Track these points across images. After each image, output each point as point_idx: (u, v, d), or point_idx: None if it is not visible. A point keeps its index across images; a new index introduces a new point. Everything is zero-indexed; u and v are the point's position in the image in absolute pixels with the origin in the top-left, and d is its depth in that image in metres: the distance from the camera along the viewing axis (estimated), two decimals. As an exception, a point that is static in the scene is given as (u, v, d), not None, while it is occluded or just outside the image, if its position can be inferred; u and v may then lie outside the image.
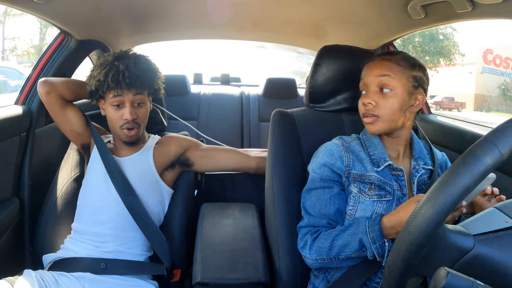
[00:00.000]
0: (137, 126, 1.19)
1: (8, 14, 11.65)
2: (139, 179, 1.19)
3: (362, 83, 0.95)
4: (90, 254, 1.10)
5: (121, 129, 1.18)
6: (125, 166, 1.20)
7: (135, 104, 1.18)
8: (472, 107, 18.15)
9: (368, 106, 0.91)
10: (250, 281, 0.91)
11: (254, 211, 1.19)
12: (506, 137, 0.48)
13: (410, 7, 1.18)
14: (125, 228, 1.14)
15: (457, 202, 0.47)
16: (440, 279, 0.45)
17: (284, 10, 1.59)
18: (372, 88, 0.91)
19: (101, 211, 1.14)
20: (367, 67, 0.94)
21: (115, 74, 1.14)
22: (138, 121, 1.18)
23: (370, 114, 0.91)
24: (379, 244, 0.81)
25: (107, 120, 1.21)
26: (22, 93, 1.38)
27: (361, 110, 0.94)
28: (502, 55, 17.94)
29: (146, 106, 1.22)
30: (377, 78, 0.90)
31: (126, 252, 1.12)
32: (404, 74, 0.90)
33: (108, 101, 1.17)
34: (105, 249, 1.11)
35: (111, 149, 1.24)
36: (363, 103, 0.92)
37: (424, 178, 0.95)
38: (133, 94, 1.16)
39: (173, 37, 2.26)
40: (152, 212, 1.18)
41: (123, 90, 1.15)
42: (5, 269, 1.12)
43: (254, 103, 2.57)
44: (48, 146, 1.44)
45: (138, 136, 1.22)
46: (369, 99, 0.90)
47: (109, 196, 1.15)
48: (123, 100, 1.16)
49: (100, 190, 1.16)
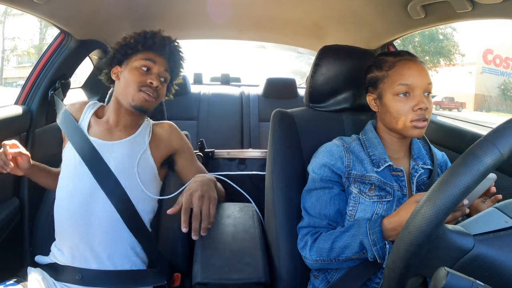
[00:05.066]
0: (156, 96, 1.11)
1: (8, 14, 11.65)
2: (133, 170, 1.08)
3: (405, 88, 0.88)
4: (66, 262, 1.03)
5: (139, 91, 1.08)
6: (115, 151, 1.09)
7: (161, 77, 1.13)
8: (472, 107, 18.13)
9: (421, 111, 0.87)
10: (250, 281, 0.91)
11: (254, 211, 1.19)
12: (506, 137, 0.48)
13: (410, 7, 1.18)
14: (111, 231, 1.03)
15: (457, 202, 0.47)
16: (440, 279, 0.45)
17: (284, 10, 1.59)
18: (419, 93, 0.88)
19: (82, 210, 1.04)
20: (412, 71, 0.88)
21: (154, 36, 1.13)
22: (159, 91, 1.12)
23: (424, 118, 0.88)
24: (380, 246, 0.81)
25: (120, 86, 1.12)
26: (22, 93, 1.38)
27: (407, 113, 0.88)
28: (502, 55, 17.92)
29: (165, 88, 1.17)
30: (425, 84, 0.88)
31: (114, 260, 1.03)
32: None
33: (133, 63, 1.11)
34: (84, 257, 1.01)
35: (100, 130, 1.12)
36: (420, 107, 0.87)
37: (424, 178, 0.95)
38: (164, 68, 1.13)
39: (173, 37, 2.26)
40: (144, 207, 1.09)
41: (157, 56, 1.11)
42: (5, 269, 1.12)
43: (254, 103, 2.57)
44: (48, 146, 1.44)
45: (150, 108, 1.12)
46: (425, 104, 0.87)
47: (84, 187, 1.04)
48: (152, 67, 1.11)
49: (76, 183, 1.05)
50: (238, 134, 2.46)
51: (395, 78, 0.90)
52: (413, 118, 0.88)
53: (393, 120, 0.91)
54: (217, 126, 2.39)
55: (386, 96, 0.92)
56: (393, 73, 0.91)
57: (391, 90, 0.90)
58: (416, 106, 0.87)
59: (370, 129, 0.99)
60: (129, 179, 1.07)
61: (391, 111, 0.90)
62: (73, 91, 1.75)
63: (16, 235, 1.28)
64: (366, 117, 1.10)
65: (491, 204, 0.86)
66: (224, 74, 3.25)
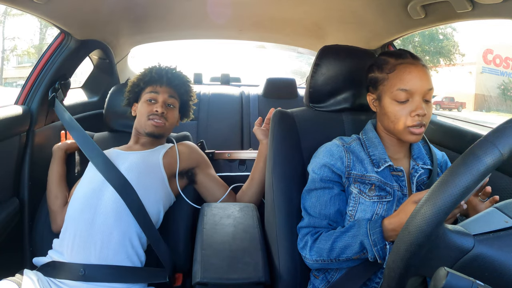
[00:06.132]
0: (164, 121, 1.27)
1: (8, 14, 11.64)
2: (143, 171, 1.17)
3: (404, 93, 0.87)
4: (69, 258, 1.04)
5: (148, 119, 1.25)
6: (129, 158, 1.21)
7: (167, 105, 1.29)
8: (472, 107, 18.13)
9: (419, 118, 0.86)
10: (250, 281, 0.91)
11: (254, 211, 1.19)
12: (506, 137, 0.48)
13: (410, 7, 1.18)
14: (115, 221, 1.08)
15: (457, 202, 0.47)
16: (440, 279, 0.45)
17: (284, 10, 1.59)
18: (419, 98, 0.87)
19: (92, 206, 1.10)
20: (412, 76, 0.87)
21: (158, 70, 1.31)
22: (166, 116, 1.27)
23: (421, 124, 0.87)
24: (380, 246, 0.80)
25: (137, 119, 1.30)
26: (22, 93, 1.38)
27: (405, 118, 0.87)
28: (502, 55, 17.92)
29: (176, 112, 1.34)
30: (425, 90, 0.87)
31: (116, 255, 1.05)
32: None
33: (143, 97, 1.30)
34: (89, 252, 1.04)
35: (122, 147, 1.29)
36: (417, 113, 0.86)
37: (424, 178, 0.95)
38: (168, 95, 1.29)
39: (173, 37, 2.27)
40: (150, 212, 1.13)
41: (161, 87, 1.28)
42: (4, 269, 1.12)
43: (254, 103, 2.57)
44: (48, 146, 1.44)
45: (162, 132, 1.28)
46: (423, 110, 0.86)
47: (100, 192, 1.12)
48: (157, 98, 1.28)
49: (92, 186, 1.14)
50: (238, 134, 2.46)
51: (395, 82, 0.89)
52: (410, 124, 0.87)
53: (390, 123, 0.91)
54: (217, 126, 2.39)
55: (384, 99, 0.91)
56: (393, 76, 0.89)
57: (390, 94, 0.89)
58: (414, 112, 0.86)
59: (370, 128, 0.99)
60: (138, 177, 1.16)
61: (389, 114, 0.90)
62: (73, 91, 1.75)
63: (16, 235, 1.28)
64: (366, 117, 1.09)
65: (489, 204, 0.86)
66: (224, 74, 3.24)
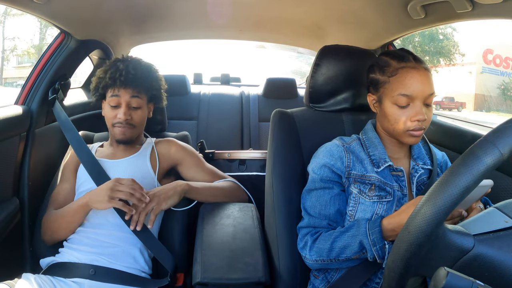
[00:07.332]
0: (130, 127, 1.21)
1: (8, 14, 11.65)
2: (131, 174, 1.16)
3: (405, 98, 0.86)
4: (81, 259, 1.06)
5: (113, 127, 1.21)
6: (119, 168, 1.19)
7: (131, 107, 1.21)
8: (472, 107, 18.15)
9: (418, 123, 0.86)
10: (250, 281, 0.91)
11: (254, 211, 1.19)
12: (506, 137, 0.47)
13: (410, 7, 1.18)
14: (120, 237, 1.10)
15: (457, 202, 0.47)
16: (440, 279, 0.45)
17: (284, 10, 1.59)
18: (419, 103, 0.86)
19: (94, 215, 1.12)
20: (414, 80, 0.86)
21: (113, 72, 1.20)
22: (132, 122, 1.21)
23: (420, 128, 0.87)
24: (379, 246, 0.81)
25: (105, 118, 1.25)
26: (22, 93, 1.38)
27: (404, 122, 0.87)
28: (502, 55, 17.94)
29: (143, 110, 1.24)
30: (426, 96, 0.87)
31: (121, 262, 1.07)
32: None
33: (106, 100, 1.23)
34: (98, 255, 1.07)
35: (106, 153, 1.26)
36: (417, 119, 0.85)
37: (424, 178, 0.95)
38: (130, 96, 1.20)
39: (173, 37, 2.27)
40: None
41: (120, 89, 1.19)
42: (4, 269, 1.12)
43: (254, 103, 2.57)
44: (48, 146, 1.44)
45: (131, 137, 1.23)
46: (423, 115, 0.86)
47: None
48: (120, 102, 1.20)
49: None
50: (238, 134, 2.46)
51: (396, 87, 0.88)
52: (409, 127, 0.87)
53: (390, 125, 0.91)
54: (217, 126, 2.39)
55: (385, 101, 0.91)
56: (394, 80, 0.88)
57: (391, 98, 0.89)
58: (414, 117, 0.86)
59: (370, 128, 0.99)
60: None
61: (389, 117, 0.90)
62: (73, 91, 1.75)
63: (16, 235, 1.28)
64: (366, 117, 1.09)
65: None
66: (224, 74, 3.25)
